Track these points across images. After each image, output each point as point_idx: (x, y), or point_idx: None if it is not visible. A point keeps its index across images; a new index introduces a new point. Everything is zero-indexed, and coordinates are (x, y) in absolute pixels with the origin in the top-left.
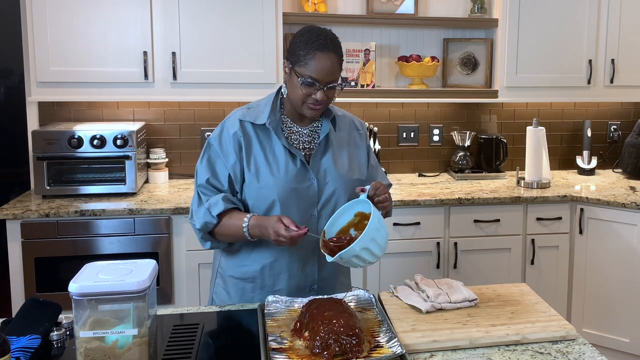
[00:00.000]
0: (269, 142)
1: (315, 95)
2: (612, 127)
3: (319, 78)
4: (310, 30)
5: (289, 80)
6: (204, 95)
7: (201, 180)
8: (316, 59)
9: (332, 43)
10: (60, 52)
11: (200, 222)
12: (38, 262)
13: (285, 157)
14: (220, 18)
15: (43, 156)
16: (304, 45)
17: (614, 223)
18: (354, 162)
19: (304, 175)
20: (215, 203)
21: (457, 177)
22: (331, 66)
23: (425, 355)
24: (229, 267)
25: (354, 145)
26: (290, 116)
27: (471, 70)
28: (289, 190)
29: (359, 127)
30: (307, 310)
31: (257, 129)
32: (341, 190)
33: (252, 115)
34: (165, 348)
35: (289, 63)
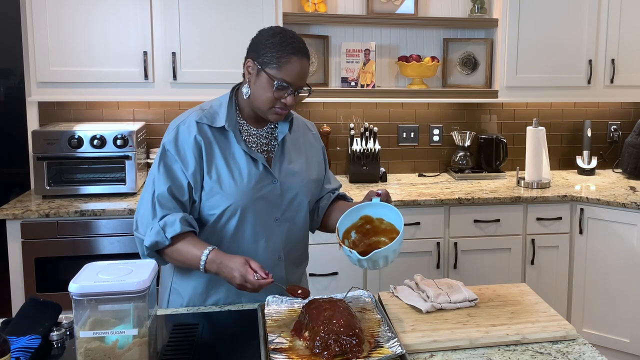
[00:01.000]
0: (228, 146)
1: (285, 100)
2: (612, 127)
3: (293, 82)
4: (282, 32)
5: (255, 82)
6: (204, 95)
7: (160, 189)
8: (291, 62)
9: (304, 47)
10: (60, 52)
11: (149, 240)
12: (38, 262)
13: (246, 162)
14: (221, 18)
15: (43, 156)
16: (278, 48)
17: (614, 223)
18: (312, 162)
19: (266, 179)
20: (171, 223)
21: (457, 177)
22: (304, 71)
23: (425, 355)
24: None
25: (309, 146)
26: (247, 118)
27: (471, 70)
28: (252, 196)
29: (311, 129)
30: (307, 311)
31: (214, 132)
32: (302, 191)
33: (208, 117)
34: (165, 348)
35: (256, 64)
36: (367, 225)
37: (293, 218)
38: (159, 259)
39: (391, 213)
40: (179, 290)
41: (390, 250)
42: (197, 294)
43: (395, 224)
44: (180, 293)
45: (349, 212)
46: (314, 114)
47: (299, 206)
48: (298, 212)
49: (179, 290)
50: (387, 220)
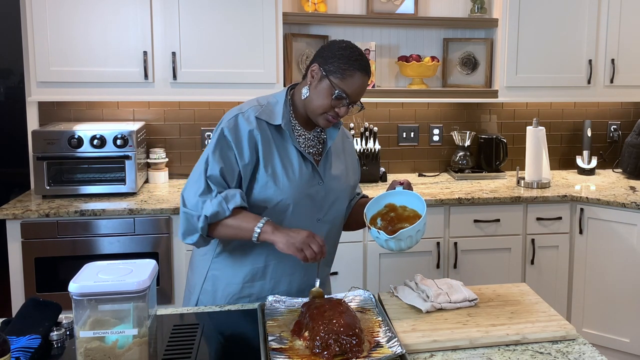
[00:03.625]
0: (282, 144)
1: (339, 110)
2: (612, 127)
3: (351, 95)
4: (353, 47)
5: (316, 86)
6: (204, 95)
7: (213, 171)
8: (355, 77)
9: (369, 67)
10: (60, 52)
11: (211, 210)
12: (38, 262)
13: (298, 161)
14: (221, 18)
15: (43, 156)
16: (347, 60)
17: (614, 223)
18: (349, 168)
19: (314, 180)
20: (232, 196)
21: (457, 177)
22: (363, 88)
23: (425, 355)
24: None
25: (348, 153)
26: (299, 119)
27: (471, 70)
28: (302, 194)
29: (348, 136)
30: (307, 310)
31: (272, 129)
32: (343, 195)
33: (266, 113)
34: (165, 348)
35: (321, 69)
36: (391, 213)
37: (333, 220)
38: (203, 238)
39: (414, 200)
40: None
41: (414, 230)
42: (234, 284)
43: (418, 209)
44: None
45: (374, 200)
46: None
47: (339, 209)
48: (337, 215)
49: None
50: (411, 207)
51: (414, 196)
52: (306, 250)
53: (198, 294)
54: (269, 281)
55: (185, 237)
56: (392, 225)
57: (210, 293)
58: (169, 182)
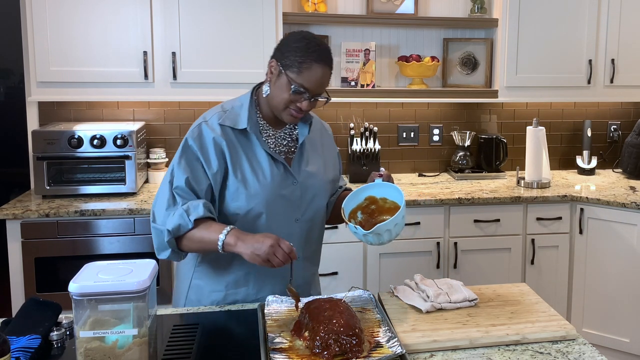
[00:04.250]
0: (250, 148)
1: (301, 104)
2: (612, 127)
3: (311, 88)
4: (309, 37)
5: (276, 82)
6: (204, 95)
7: (179, 182)
8: (313, 69)
9: (329, 57)
10: (60, 52)
11: (172, 224)
12: (38, 262)
13: (268, 163)
14: (220, 18)
15: (43, 156)
16: (303, 52)
17: (614, 223)
18: (328, 163)
19: (287, 180)
20: (194, 207)
21: (457, 177)
22: (324, 79)
23: (425, 355)
24: (206, 276)
25: (326, 147)
26: (266, 118)
27: (471, 70)
28: (275, 197)
29: (327, 129)
30: (307, 310)
31: (237, 134)
32: (321, 192)
33: (230, 119)
34: (165, 348)
35: (279, 65)
36: (372, 206)
37: (312, 219)
38: (176, 253)
39: (393, 192)
40: (199, 288)
41: (392, 223)
42: (217, 292)
43: (398, 201)
44: (199, 291)
45: (353, 193)
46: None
47: (317, 207)
48: (317, 212)
49: (198, 289)
50: (391, 199)
51: (393, 188)
52: (272, 260)
53: (184, 302)
54: (253, 287)
55: (159, 252)
56: (372, 217)
57: (195, 302)
58: None
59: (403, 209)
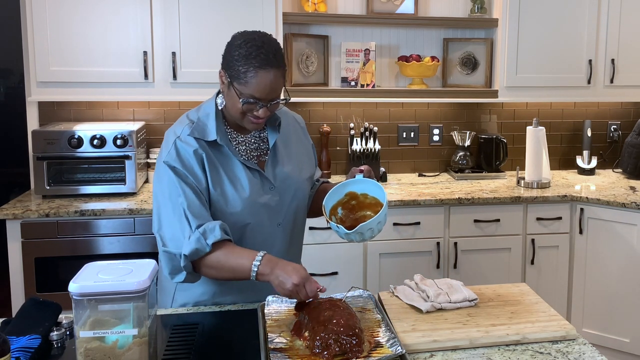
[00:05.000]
0: (224, 159)
1: (257, 112)
2: (612, 127)
3: (261, 97)
4: (249, 41)
5: (228, 93)
6: (204, 95)
7: (189, 200)
8: (258, 77)
9: (275, 57)
10: (60, 52)
11: (189, 248)
12: (38, 262)
13: (244, 172)
14: (220, 18)
15: (43, 156)
16: (244, 60)
17: (614, 223)
18: (303, 159)
19: (264, 186)
20: (211, 230)
21: (457, 177)
22: (274, 83)
23: (425, 355)
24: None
25: (299, 142)
26: (232, 126)
27: (471, 70)
28: (256, 206)
29: (300, 122)
30: (306, 310)
31: (210, 146)
32: (299, 193)
33: (198, 130)
34: (165, 348)
35: (227, 76)
36: (352, 201)
37: (294, 220)
38: (192, 275)
39: (374, 188)
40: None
41: (374, 222)
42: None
43: (379, 197)
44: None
45: (333, 190)
46: (314, 114)
47: (297, 208)
48: (297, 214)
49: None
50: (372, 195)
51: (374, 184)
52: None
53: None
54: (238, 294)
55: (173, 276)
56: (353, 213)
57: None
58: None
59: (385, 207)
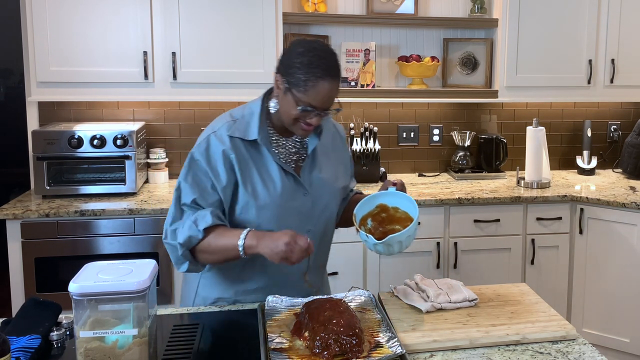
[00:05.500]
0: (260, 159)
1: (311, 120)
2: (612, 127)
3: (318, 105)
4: (311, 50)
5: (282, 98)
6: (204, 95)
7: (186, 200)
8: (318, 87)
9: (335, 68)
10: (60, 52)
11: (183, 237)
12: (38, 262)
13: (279, 174)
14: (220, 18)
15: (43, 156)
16: (306, 69)
17: (614, 223)
18: (339, 169)
19: (298, 190)
20: (202, 217)
21: (457, 177)
22: (332, 93)
23: (425, 355)
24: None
25: (338, 151)
26: (276, 129)
27: (471, 70)
28: (287, 209)
29: (340, 132)
30: (307, 310)
31: (247, 145)
32: (332, 201)
33: (239, 129)
34: (165, 348)
35: (284, 81)
36: (382, 214)
37: (324, 228)
38: (192, 263)
39: (406, 202)
40: (205, 296)
41: (404, 235)
42: (224, 299)
43: (410, 212)
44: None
45: (365, 200)
46: None
47: (329, 216)
48: (328, 221)
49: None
50: (403, 209)
51: (406, 198)
52: (291, 257)
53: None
54: (260, 295)
55: (178, 267)
56: (382, 226)
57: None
58: (169, 182)
59: (416, 222)
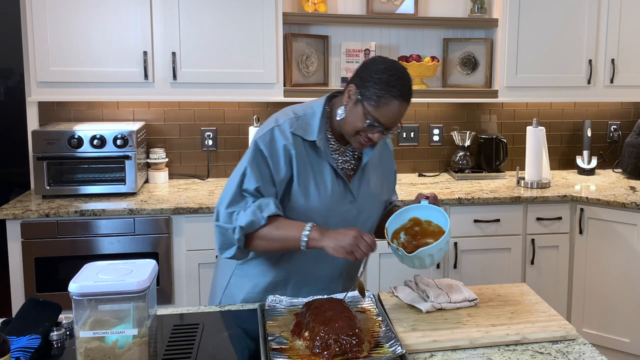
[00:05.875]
0: (316, 160)
1: (372, 135)
2: (612, 127)
3: (385, 123)
4: (392, 69)
5: (351, 109)
6: (204, 95)
7: (249, 186)
8: (390, 105)
9: (409, 92)
10: (60, 52)
11: (245, 220)
12: (38, 262)
13: (331, 178)
14: (220, 18)
15: (43, 156)
16: (382, 86)
17: (614, 223)
18: (384, 183)
19: (346, 197)
20: (266, 204)
21: (457, 177)
22: (401, 114)
23: (425, 355)
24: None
25: (385, 165)
26: (335, 134)
27: (471, 70)
28: (333, 212)
29: (390, 147)
30: (307, 310)
31: (306, 144)
32: (376, 213)
33: (301, 128)
34: (165, 348)
35: (358, 93)
36: (415, 227)
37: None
38: (241, 250)
39: (439, 215)
40: (237, 286)
41: (435, 248)
42: (255, 293)
43: (443, 225)
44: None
45: (397, 213)
46: None
47: (370, 227)
48: (369, 232)
49: (236, 287)
50: (436, 222)
51: (439, 212)
52: (356, 252)
53: (220, 297)
54: (291, 291)
55: (222, 251)
56: (415, 239)
57: (230, 299)
58: (169, 182)
59: (447, 235)
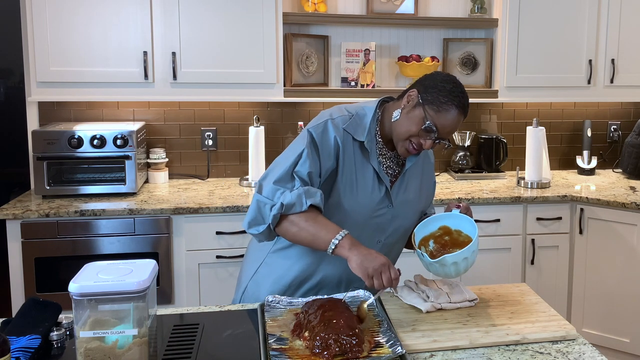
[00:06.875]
0: (361, 161)
1: (424, 142)
2: (612, 127)
3: (441, 130)
4: (455, 82)
5: (409, 112)
6: (204, 95)
7: (302, 169)
8: (451, 113)
9: (467, 107)
10: (60, 52)
11: (289, 199)
12: (38, 262)
13: (372, 181)
14: (220, 18)
15: (43, 156)
16: (448, 94)
17: (614, 223)
18: (423, 193)
19: (383, 202)
20: (313, 193)
21: (457, 177)
22: (456, 126)
23: (425, 355)
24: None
25: (425, 176)
26: (383, 137)
27: (471, 70)
28: (368, 214)
29: (431, 158)
30: (307, 310)
31: (354, 143)
32: (411, 221)
33: (352, 126)
34: (165, 348)
35: (419, 97)
36: (445, 237)
37: (394, 244)
38: (269, 230)
39: (469, 226)
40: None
41: (460, 257)
42: (279, 284)
43: (473, 235)
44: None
45: (427, 220)
46: (314, 114)
47: (402, 235)
48: (400, 239)
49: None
50: (466, 232)
51: (469, 222)
52: (376, 279)
53: (246, 284)
54: (313, 289)
55: (251, 226)
56: (445, 249)
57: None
58: (169, 182)
59: (474, 244)
